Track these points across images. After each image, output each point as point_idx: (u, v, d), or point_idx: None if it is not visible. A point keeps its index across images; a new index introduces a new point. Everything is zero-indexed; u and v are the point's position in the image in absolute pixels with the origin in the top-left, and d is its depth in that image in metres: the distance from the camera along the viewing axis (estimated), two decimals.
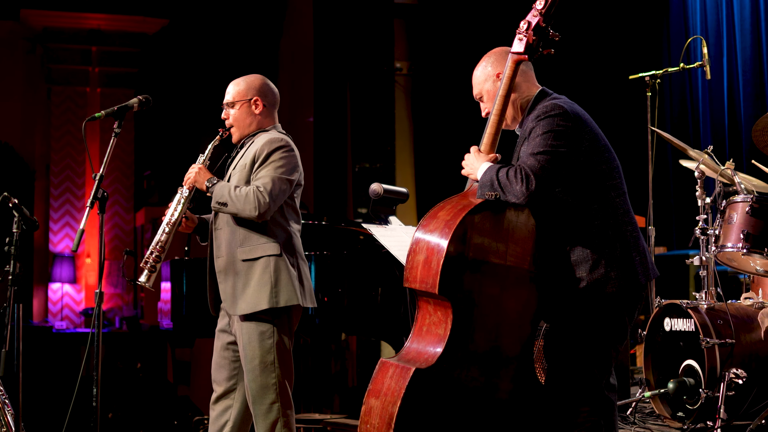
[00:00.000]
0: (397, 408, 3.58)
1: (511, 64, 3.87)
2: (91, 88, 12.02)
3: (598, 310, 3.76)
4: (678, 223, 9.22)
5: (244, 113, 4.84)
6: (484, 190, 3.80)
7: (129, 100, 4.78)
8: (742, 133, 8.47)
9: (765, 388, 5.20)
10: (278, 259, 4.66)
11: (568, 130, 3.77)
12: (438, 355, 3.65)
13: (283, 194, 4.64)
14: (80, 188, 12.02)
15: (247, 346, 4.68)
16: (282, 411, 4.67)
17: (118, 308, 11.94)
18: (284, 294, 4.64)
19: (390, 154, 10.68)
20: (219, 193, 4.64)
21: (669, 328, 5.56)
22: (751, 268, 5.62)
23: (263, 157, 4.67)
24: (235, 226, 4.72)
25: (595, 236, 3.76)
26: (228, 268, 4.73)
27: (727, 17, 8.64)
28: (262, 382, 4.67)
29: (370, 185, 5.22)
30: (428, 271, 3.68)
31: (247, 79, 4.90)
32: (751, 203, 5.33)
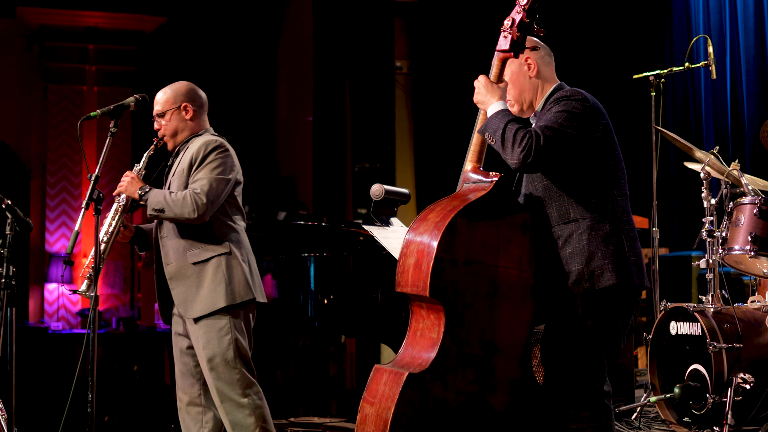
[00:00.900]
0: (391, 414, 3.53)
1: (497, 62, 3.87)
2: (88, 87, 11.92)
3: (591, 306, 3.69)
4: (680, 224, 9.16)
5: (175, 121, 4.89)
6: (486, 130, 3.78)
7: (125, 99, 4.75)
8: (746, 134, 8.41)
9: None
10: (229, 257, 4.72)
11: (583, 114, 3.73)
12: (431, 360, 3.59)
13: (221, 194, 4.69)
14: (77, 188, 11.92)
15: (206, 346, 4.69)
16: (253, 403, 4.68)
17: (115, 309, 11.86)
18: (240, 290, 4.70)
19: (390, 153, 10.61)
20: (154, 201, 4.67)
21: (675, 332, 5.48)
22: (758, 271, 5.55)
23: (199, 159, 4.72)
24: (180, 231, 4.76)
25: (592, 230, 3.70)
26: (178, 273, 4.76)
27: (730, 17, 8.58)
28: (227, 379, 4.68)
29: (372, 186, 5.15)
30: (419, 275, 3.63)
31: (173, 87, 4.94)
32: (759, 205, 5.26)
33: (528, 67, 3.95)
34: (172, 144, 4.92)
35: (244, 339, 4.74)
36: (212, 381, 4.71)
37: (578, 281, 3.69)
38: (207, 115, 5.01)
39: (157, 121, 4.91)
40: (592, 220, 3.71)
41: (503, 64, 3.87)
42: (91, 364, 4.44)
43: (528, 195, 3.85)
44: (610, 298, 3.70)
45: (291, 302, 6.51)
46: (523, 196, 3.88)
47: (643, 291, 3.86)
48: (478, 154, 3.89)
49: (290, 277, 6.56)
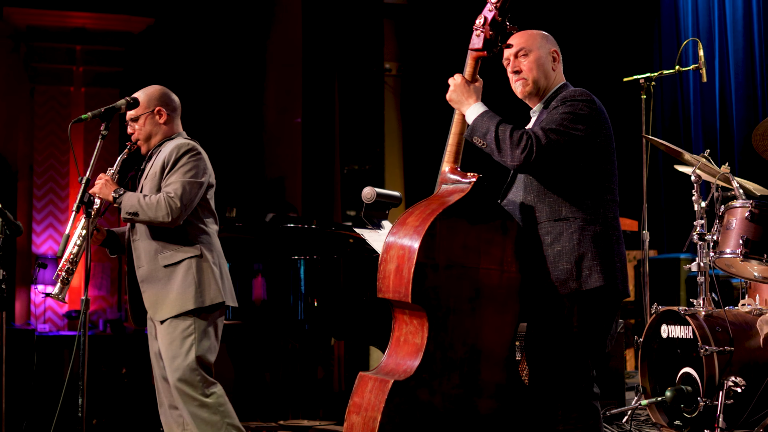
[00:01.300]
0: (377, 423, 3.51)
1: (470, 60, 3.89)
2: (76, 88, 11.85)
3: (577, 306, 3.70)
4: (669, 226, 9.18)
5: (148, 125, 4.91)
6: (474, 134, 3.78)
7: (116, 102, 4.74)
8: (734, 137, 8.43)
9: (764, 396, 5.11)
10: (200, 260, 4.75)
11: (590, 117, 3.74)
12: (416, 366, 3.57)
13: (194, 197, 4.72)
14: (64, 189, 11.85)
15: (169, 347, 4.71)
16: (216, 401, 4.69)
17: (102, 311, 11.80)
18: (209, 293, 4.72)
19: (379, 155, 10.59)
20: (128, 204, 4.69)
21: (666, 335, 5.48)
22: (749, 274, 5.55)
23: (171, 163, 4.74)
24: (152, 234, 4.78)
25: (583, 230, 3.71)
26: (150, 276, 4.78)
27: (719, 20, 8.60)
28: (189, 380, 4.68)
29: (363, 189, 5.14)
30: (400, 280, 3.61)
31: (146, 91, 4.96)
32: (750, 208, 5.25)
33: (553, 58, 3.96)
34: (145, 148, 4.95)
35: (209, 342, 4.74)
36: (174, 381, 4.71)
37: (566, 281, 3.70)
38: (180, 119, 5.03)
39: (131, 125, 4.94)
40: (584, 221, 3.72)
41: (477, 63, 3.88)
42: (81, 367, 4.41)
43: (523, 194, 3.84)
44: (596, 299, 3.71)
45: (281, 305, 6.49)
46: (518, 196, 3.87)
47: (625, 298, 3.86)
48: (455, 155, 3.90)
49: (280, 280, 6.54)
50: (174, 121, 4.97)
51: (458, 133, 3.90)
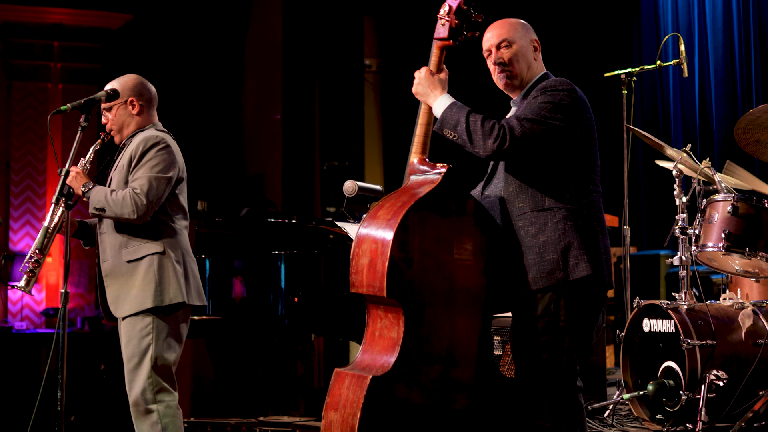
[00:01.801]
0: (357, 420, 3.47)
1: (435, 50, 3.87)
2: (53, 84, 11.80)
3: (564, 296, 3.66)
4: (649, 223, 9.18)
5: (121, 115, 4.80)
6: (443, 127, 3.73)
7: (96, 93, 4.69)
8: (714, 134, 8.44)
9: (746, 390, 5.11)
10: (162, 257, 4.61)
11: (570, 106, 3.70)
12: (393, 361, 3.53)
13: (161, 193, 4.59)
14: (41, 186, 11.81)
15: (127, 345, 4.62)
16: (163, 411, 4.56)
17: (80, 308, 11.76)
18: (169, 292, 4.58)
19: (359, 152, 10.58)
20: (95, 199, 4.59)
21: (648, 329, 5.46)
22: (731, 268, 5.55)
23: (138, 156, 4.63)
24: (117, 228, 4.67)
25: (568, 220, 3.67)
26: (114, 271, 4.67)
27: (698, 17, 8.61)
28: (140, 382, 4.57)
29: (345, 182, 5.12)
30: (374, 275, 3.56)
31: (121, 80, 4.86)
32: (732, 202, 5.25)
33: (534, 48, 3.92)
34: (118, 138, 4.83)
35: (170, 343, 4.62)
36: (128, 382, 4.63)
37: (552, 271, 3.66)
38: (156, 110, 4.92)
39: (105, 114, 4.83)
40: (568, 211, 3.68)
41: (442, 53, 3.86)
42: (60, 362, 4.36)
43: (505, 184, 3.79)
44: (583, 289, 3.68)
45: (261, 300, 6.45)
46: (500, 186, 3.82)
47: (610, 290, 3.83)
48: (423, 146, 3.86)
49: (260, 275, 6.51)
50: (148, 111, 4.85)
51: (425, 124, 3.86)
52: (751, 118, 5.10)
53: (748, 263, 5.41)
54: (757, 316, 5.34)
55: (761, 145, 5.26)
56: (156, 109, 4.93)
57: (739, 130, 5.19)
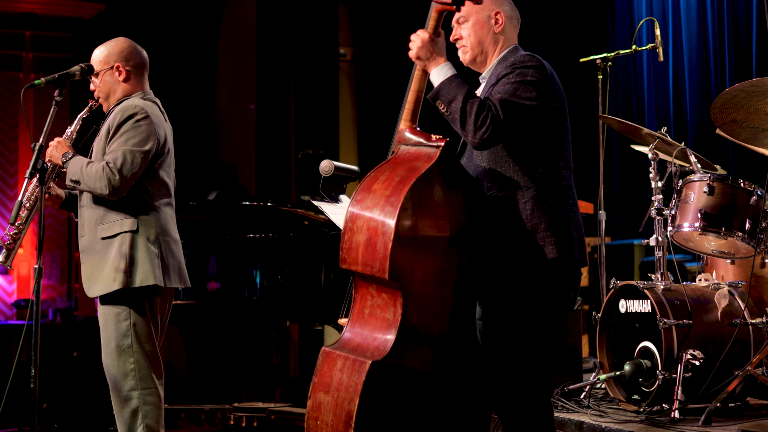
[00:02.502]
0: (356, 405, 3.37)
1: (434, 14, 3.71)
2: (25, 74, 11.69)
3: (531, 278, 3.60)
4: (623, 213, 9.21)
5: (107, 81, 4.65)
6: (438, 98, 3.62)
7: (70, 68, 4.58)
8: (688, 122, 8.47)
9: (722, 369, 5.12)
10: (135, 236, 4.43)
11: (541, 83, 3.62)
12: (391, 343, 3.43)
13: (137, 168, 4.39)
14: (12, 177, 11.69)
15: (103, 329, 4.48)
16: (142, 398, 4.43)
17: (52, 300, 11.65)
18: (140, 273, 4.41)
19: (334, 140, 10.56)
20: (72, 170, 4.43)
21: (624, 310, 5.47)
22: (706, 249, 5.57)
23: (114, 127, 4.46)
24: (94, 203, 4.50)
25: (536, 200, 3.59)
26: (89, 247, 4.52)
27: (672, 5, 8.64)
28: (119, 367, 4.44)
29: (321, 162, 5.08)
30: (373, 254, 3.44)
31: (108, 44, 4.73)
32: (708, 182, 5.27)
33: (495, 21, 3.82)
34: (106, 106, 4.67)
35: (148, 327, 4.47)
36: (106, 367, 4.50)
37: (520, 252, 3.59)
38: (147, 77, 4.75)
39: (93, 81, 4.68)
40: (537, 190, 3.61)
41: (440, 17, 3.70)
42: (34, 350, 4.26)
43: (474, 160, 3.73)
44: (550, 271, 3.60)
45: (237, 284, 6.42)
46: (469, 162, 3.76)
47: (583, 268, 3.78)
48: (413, 113, 3.73)
49: (235, 260, 6.48)
50: (136, 78, 4.68)
51: (417, 90, 3.73)
52: (728, 97, 5.10)
53: (724, 243, 5.42)
54: (732, 297, 5.37)
55: (737, 125, 5.26)
56: (147, 75, 4.74)
57: (715, 110, 5.19)
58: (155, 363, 4.51)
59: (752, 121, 5.23)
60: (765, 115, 5.12)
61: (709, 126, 8.12)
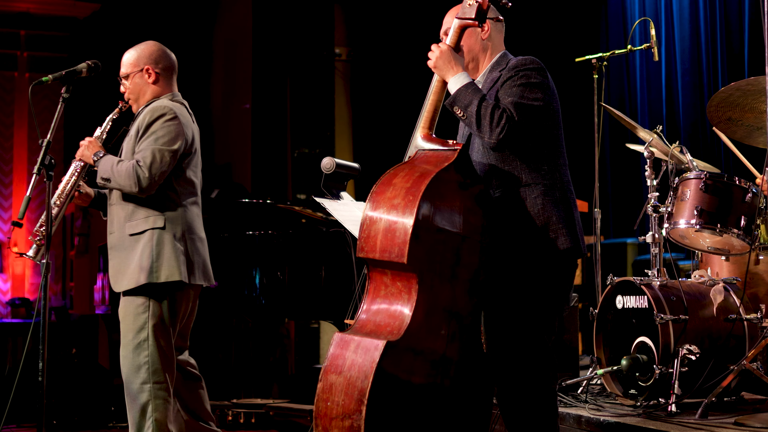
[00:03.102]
0: (369, 383, 3.46)
1: (457, 28, 3.87)
2: (20, 73, 11.75)
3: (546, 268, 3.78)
4: (615, 211, 9.27)
5: (137, 84, 4.79)
6: (455, 104, 3.79)
7: (77, 65, 4.67)
8: (680, 122, 8.53)
9: (718, 364, 5.20)
10: (162, 233, 4.55)
11: (544, 85, 3.81)
12: (405, 328, 3.55)
13: (166, 166, 4.53)
14: (8, 175, 11.74)
15: (122, 321, 4.58)
16: (153, 392, 4.51)
17: None
18: (165, 269, 4.52)
19: (329, 139, 10.63)
20: (102, 168, 4.57)
21: (621, 306, 5.53)
22: (701, 245, 5.64)
23: (144, 127, 4.59)
24: (123, 200, 4.63)
25: (546, 195, 3.78)
26: (118, 244, 4.63)
27: (665, 5, 8.70)
28: (133, 360, 4.53)
29: (323, 159, 5.16)
30: (392, 241, 3.58)
31: (138, 48, 4.86)
32: (704, 180, 5.33)
33: (482, 28, 3.96)
34: (136, 107, 4.81)
35: (167, 323, 4.57)
36: (121, 359, 4.59)
37: (535, 244, 3.75)
38: (176, 79, 4.89)
39: (123, 83, 4.82)
40: (545, 186, 3.79)
41: (462, 32, 3.87)
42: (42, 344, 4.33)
43: (482, 160, 3.88)
44: (563, 260, 3.80)
45: (236, 281, 6.47)
46: (477, 162, 3.90)
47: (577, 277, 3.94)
48: (431, 121, 3.89)
49: (235, 257, 6.52)
50: (165, 80, 4.82)
51: (436, 100, 3.90)
52: (723, 96, 5.19)
53: (719, 240, 5.50)
54: (728, 293, 5.43)
55: (732, 123, 5.36)
56: (175, 78, 4.89)
57: (711, 108, 5.28)
58: (168, 359, 4.59)
59: (747, 120, 5.32)
60: (760, 113, 5.21)
61: (701, 125, 8.20)
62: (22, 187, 11.65)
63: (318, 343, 9.63)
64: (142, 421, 4.51)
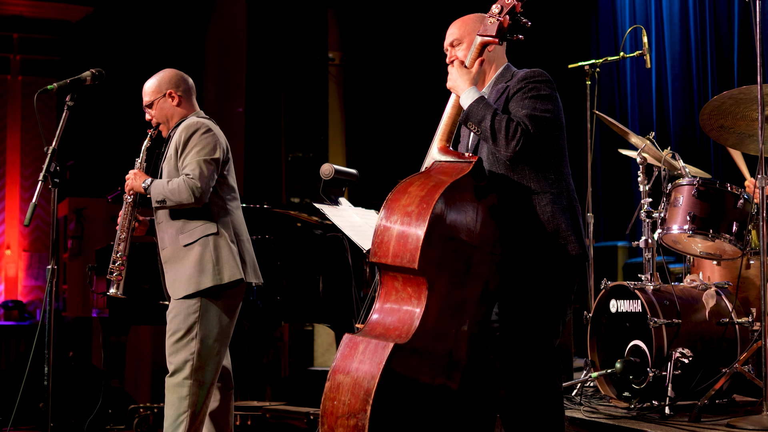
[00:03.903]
0: (375, 383, 3.52)
1: (478, 45, 3.92)
2: (12, 76, 11.75)
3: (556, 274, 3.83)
4: (606, 215, 9.35)
5: (163, 108, 5.02)
6: (469, 120, 3.84)
7: (81, 73, 4.75)
8: (671, 127, 8.61)
9: (710, 367, 5.29)
10: (216, 237, 4.79)
11: (554, 96, 3.88)
12: (413, 332, 3.61)
13: (212, 174, 4.78)
14: (0, 178, 11.74)
15: (173, 320, 4.75)
16: (192, 389, 4.70)
17: (39, 301, 11.71)
18: (227, 270, 4.75)
19: (323, 143, 10.68)
20: (155, 192, 4.79)
21: (615, 310, 5.62)
22: (693, 250, 5.73)
23: (182, 144, 4.82)
24: (173, 215, 4.85)
25: (554, 203, 3.83)
26: (172, 257, 4.84)
27: (655, 12, 8.77)
28: (180, 355, 4.72)
29: (322, 165, 5.25)
30: (404, 247, 3.64)
31: (157, 76, 5.07)
32: (697, 186, 5.43)
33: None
34: (166, 130, 5.04)
35: (221, 322, 4.78)
36: (168, 353, 4.76)
37: (545, 250, 3.81)
38: (195, 99, 5.13)
39: (148, 111, 5.04)
40: (553, 194, 3.85)
41: (483, 49, 3.92)
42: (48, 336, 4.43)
43: (491, 169, 3.92)
44: (573, 266, 3.86)
45: None
46: (487, 170, 3.93)
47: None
48: (449, 134, 3.94)
49: None
50: (188, 101, 5.05)
51: (454, 116, 3.95)
52: (716, 104, 5.29)
53: (711, 245, 5.59)
54: (719, 297, 5.53)
55: (725, 131, 5.45)
56: (195, 98, 5.12)
57: (704, 116, 5.38)
58: (214, 361, 4.79)
59: (739, 127, 5.42)
60: (752, 121, 5.30)
61: (691, 130, 8.29)
62: (14, 191, 11.66)
63: (312, 346, 9.69)
64: (177, 415, 4.70)
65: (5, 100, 11.65)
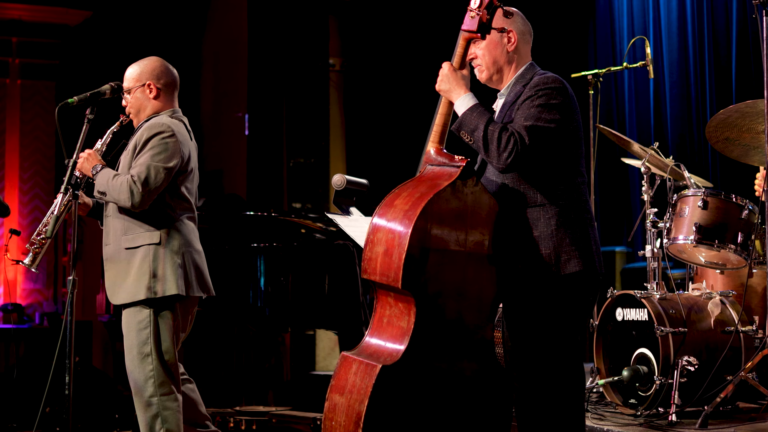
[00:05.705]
0: (365, 407, 3.53)
1: (462, 42, 3.85)
2: (11, 80, 11.72)
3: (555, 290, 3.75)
4: (604, 220, 9.40)
5: (138, 98, 4.83)
6: (461, 128, 3.78)
7: (101, 87, 4.78)
8: (668, 135, 8.65)
9: (716, 375, 5.37)
10: (158, 248, 4.62)
11: (563, 106, 3.77)
12: (402, 351, 3.59)
13: (160, 182, 4.58)
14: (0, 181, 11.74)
15: (126, 336, 4.68)
16: (161, 404, 4.62)
17: (38, 304, 11.71)
18: (162, 284, 4.59)
19: (324, 149, 10.73)
20: (100, 182, 4.63)
21: (621, 318, 5.70)
22: (698, 260, 5.82)
23: (141, 143, 4.65)
24: (120, 213, 4.69)
25: (560, 216, 3.75)
26: (113, 256, 4.71)
27: (653, 21, 8.80)
28: (140, 373, 4.64)
29: (333, 176, 5.29)
30: (389, 265, 3.60)
31: (141, 63, 4.91)
32: (702, 197, 5.52)
33: (508, 40, 3.95)
34: (136, 121, 4.87)
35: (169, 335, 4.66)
36: (129, 372, 4.69)
37: (545, 265, 3.73)
38: (176, 95, 4.96)
39: (125, 97, 4.86)
40: (560, 206, 3.76)
41: (468, 46, 3.86)
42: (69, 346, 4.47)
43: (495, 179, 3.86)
44: (575, 284, 3.76)
45: (241, 291, 6.56)
46: (491, 180, 3.88)
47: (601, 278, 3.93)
48: (441, 136, 3.86)
49: (239, 267, 6.61)
50: (166, 96, 4.88)
51: (445, 114, 3.87)
52: (722, 118, 5.40)
53: (715, 255, 5.68)
54: (724, 305, 5.63)
55: (730, 143, 5.56)
56: (176, 94, 4.95)
57: (710, 129, 5.49)
58: (173, 370, 4.70)
59: (744, 140, 5.51)
60: (757, 134, 5.40)
61: (689, 137, 8.36)
62: (13, 194, 11.66)
63: (314, 350, 9.74)
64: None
65: (4, 103, 11.63)
